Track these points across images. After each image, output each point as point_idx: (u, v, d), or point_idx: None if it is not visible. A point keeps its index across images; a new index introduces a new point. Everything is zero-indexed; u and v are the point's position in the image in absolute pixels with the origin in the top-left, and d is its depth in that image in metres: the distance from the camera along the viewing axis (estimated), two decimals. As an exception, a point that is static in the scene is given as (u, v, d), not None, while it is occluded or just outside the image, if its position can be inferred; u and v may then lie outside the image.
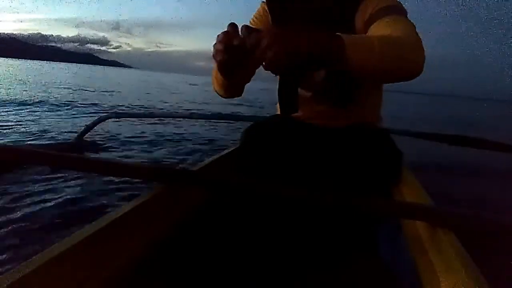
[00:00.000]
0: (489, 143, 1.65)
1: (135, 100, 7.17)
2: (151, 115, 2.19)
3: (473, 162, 2.73)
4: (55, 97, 5.99)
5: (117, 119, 2.18)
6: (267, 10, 0.96)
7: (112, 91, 8.92)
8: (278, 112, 1.12)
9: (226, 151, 1.32)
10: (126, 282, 0.61)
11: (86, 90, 8.38)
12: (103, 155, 2.30)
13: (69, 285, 0.50)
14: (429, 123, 7.10)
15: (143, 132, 3.04)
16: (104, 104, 5.77)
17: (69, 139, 2.40)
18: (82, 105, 5.24)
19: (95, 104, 5.56)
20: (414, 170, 1.11)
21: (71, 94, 7.02)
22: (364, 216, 0.81)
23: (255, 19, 1.01)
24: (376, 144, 0.90)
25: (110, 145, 2.58)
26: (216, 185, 0.71)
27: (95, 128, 2.27)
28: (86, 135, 2.26)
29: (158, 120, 3.47)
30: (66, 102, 5.37)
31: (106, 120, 2.28)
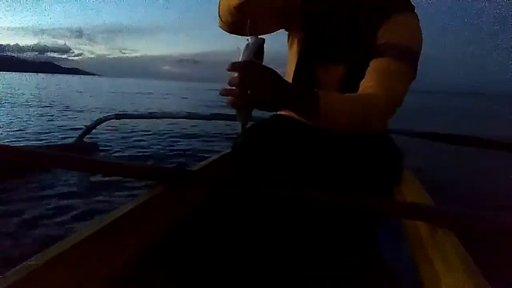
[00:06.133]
0: (490, 143, 1.63)
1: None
2: (151, 116, 2.18)
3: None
4: None
5: (116, 120, 2.17)
6: None
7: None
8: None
9: (225, 152, 1.32)
10: (126, 282, 0.61)
11: None
12: (103, 156, 2.30)
13: (69, 285, 0.50)
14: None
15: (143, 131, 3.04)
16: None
17: (70, 141, 2.41)
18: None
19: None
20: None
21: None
22: (364, 216, 0.81)
23: None
24: (376, 144, 0.90)
25: (110, 146, 2.58)
26: (216, 185, 0.71)
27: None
28: (86, 136, 2.25)
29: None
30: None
31: (106, 121, 2.27)
